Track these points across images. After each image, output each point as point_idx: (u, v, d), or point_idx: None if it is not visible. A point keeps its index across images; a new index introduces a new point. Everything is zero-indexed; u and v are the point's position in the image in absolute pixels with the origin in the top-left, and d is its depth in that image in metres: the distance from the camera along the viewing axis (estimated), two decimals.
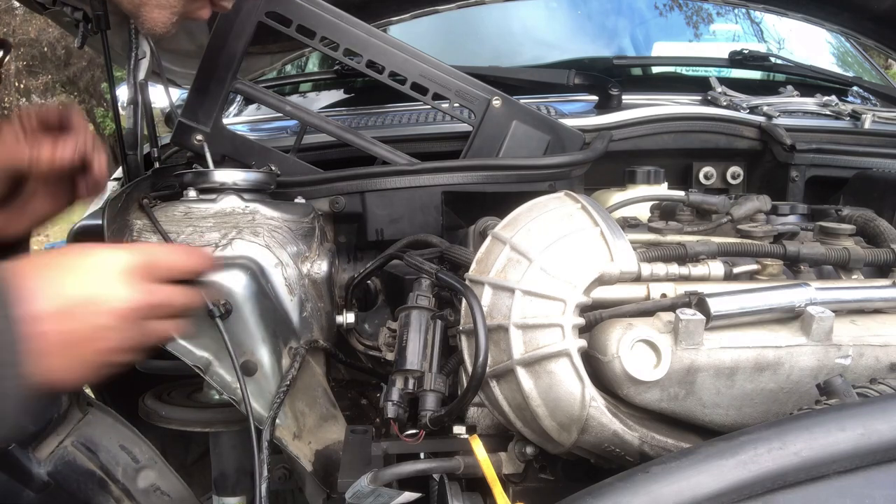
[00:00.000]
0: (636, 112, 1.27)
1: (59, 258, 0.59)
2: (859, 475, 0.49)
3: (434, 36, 1.78)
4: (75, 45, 1.18)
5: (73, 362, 0.57)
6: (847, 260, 0.87)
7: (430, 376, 0.75)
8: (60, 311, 0.56)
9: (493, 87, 1.13)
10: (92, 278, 0.59)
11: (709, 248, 0.84)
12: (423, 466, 0.74)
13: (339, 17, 1.07)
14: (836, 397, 0.61)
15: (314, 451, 0.96)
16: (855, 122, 1.39)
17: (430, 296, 0.81)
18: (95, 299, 0.58)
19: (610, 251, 0.72)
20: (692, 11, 1.97)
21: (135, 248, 0.66)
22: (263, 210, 0.91)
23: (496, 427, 0.80)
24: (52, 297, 0.56)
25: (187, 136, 1.09)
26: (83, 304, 0.57)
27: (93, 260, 0.60)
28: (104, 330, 0.58)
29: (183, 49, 1.41)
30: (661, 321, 0.70)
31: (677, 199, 1.03)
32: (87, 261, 0.60)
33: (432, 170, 1.05)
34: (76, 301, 0.57)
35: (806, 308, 0.71)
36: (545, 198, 0.82)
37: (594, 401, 0.67)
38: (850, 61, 2.01)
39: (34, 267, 0.57)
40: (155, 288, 0.63)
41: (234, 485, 1.06)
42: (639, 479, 0.51)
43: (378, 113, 1.42)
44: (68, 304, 0.56)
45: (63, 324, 0.56)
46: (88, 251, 0.61)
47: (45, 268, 0.58)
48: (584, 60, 1.66)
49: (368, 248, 1.09)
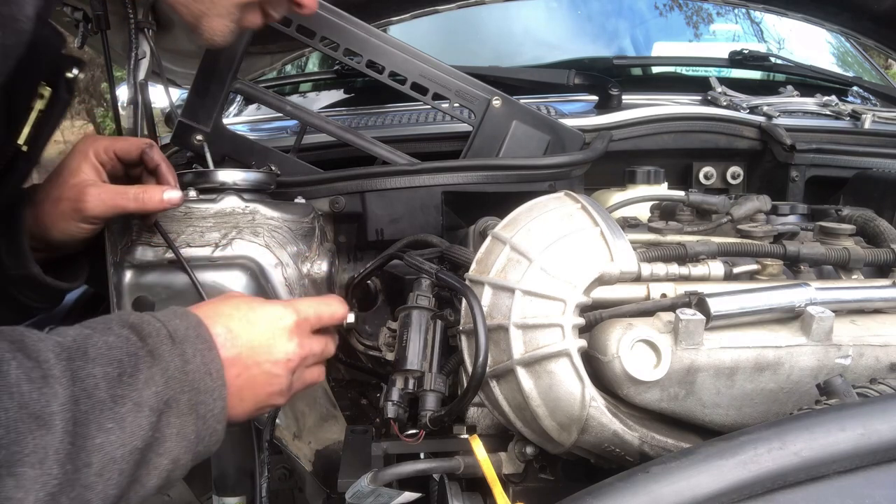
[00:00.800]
0: (636, 112, 1.27)
1: (232, 309, 0.67)
2: (859, 475, 0.49)
3: (434, 36, 1.78)
4: (75, 45, 1.18)
5: (245, 404, 0.66)
6: (847, 260, 0.87)
7: (430, 376, 0.75)
8: (238, 359, 0.64)
9: (493, 87, 1.13)
10: (263, 331, 0.67)
11: (709, 248, 0.84)
12: (423, 466, 0.74)
13: (339, 16, 1.07)
14: (836, 397, 0.61)
15: (314, 451, 0.96)
16: (855, 122, 1.39)
17: (430, 296, 0.81)
18: (267, 351, 0.67)
19: (610, 251, 0.72)
20: (692, 11, 1.97)
21: (293, 305, 0.72)
22: (263, 210, 0.91)
23: (496, 427, 0.80)
24: (231, 346, 0.64)
25: (187, 136, 1.09)
26: (256, 355, 0.66)
27: (262, 314, 0.68)
28: (272, 377, 0.67)
29: (183, 49, 1.41)
30: (661, 321, 0.70)
31: (677, 199, 1.03)
32: (257, 314, 0.68)
33: (432, 170, 1.05)
34: (251, 351, 0.65)
35: (806, 308, 0.71)
36: (545, 198, 0.82)
37: (594, 401, 0.67)
38: (850, 61, 2.01)
39: (215, 315, 0.65)
40: (310, 340, 0.72)
41: (234, 485, 1.06)
42: (639, 479, 0.51)
43: (378, 113, 1.42)
44: (244, 353, 0.65)
45: (241, 369, 0.64)
46: (256, 305, 0.69)
47: (224, 317, 0.65)
48: (584, 60, 1.66)
49: (368, 248, 1.09)
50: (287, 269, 0.90)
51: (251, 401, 0.67)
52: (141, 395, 0.55)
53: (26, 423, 0.48)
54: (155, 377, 0.57)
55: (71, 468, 0.50)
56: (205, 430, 0.60)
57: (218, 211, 0.90)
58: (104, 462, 0.52)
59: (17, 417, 0.48)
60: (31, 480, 0.47)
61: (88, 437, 0.51)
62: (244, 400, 0.66)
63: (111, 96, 1.35)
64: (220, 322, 0.65)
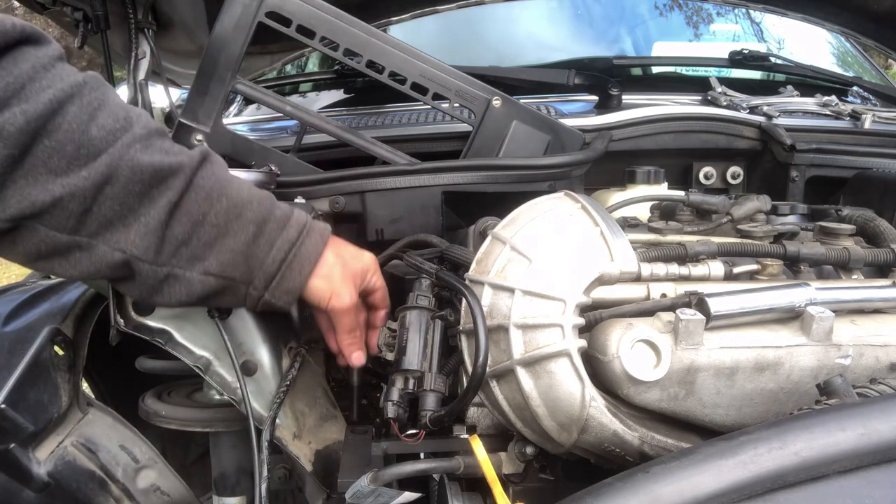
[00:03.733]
0: (636, 112, 1.27)
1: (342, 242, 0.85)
2: (859, 475, 0.49)
3: (434, 36, 1.78)
4: (75, 45, 1.18)
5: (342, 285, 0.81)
6: (847, 260, 0.87)
7: (430, 376, 0.75)
8: (340, 255, 0.82)
9: (493, 87, 1.13)
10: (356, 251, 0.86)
11: (709, 248, 0.84)
12: (423, 466, 0.74)
13: (339, 17, 1.07)
14: (836, 397, 0.61)
15: (314, 451, 0.96)
16: (855, 122, 1.39)
17: (430, 296, 0.81)
18: (358, 257, 0.85)
19: (610, 251, 0.72)
20: (692, 11, 1.97)
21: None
22: None
23: (496, 427, 0.80)
24: (337, 244, 0.83)
25: (187, 136, 1.09)
26: (352, 258, 0.84)
27: (356, 248, 0.87)
28: (357, 274, 0.84)
29: (183, 49, 1.41)
30: (661, 321, 0.70)
31: (677, 199, 1.03)
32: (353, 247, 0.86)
33: (432, 170, 1.05)
34: (349, 256, 0.84)
35: (806, 308, 0.71)
36: (545, 198, 0.82)
37: (594, 401, 0.67)
38: (850, 61, 2.01)
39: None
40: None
41: (234, 485, 1.06)
42: (639, 479, 0.51)
43: (378, 113, 1.42)
44: (344, 255, 0.83)
45: (340, 262, 0.81)
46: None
47: (338, 240, 0.84)
48: (584, 60, 1.66)
49: (368, 248, 1.09)
50: None
51: (343, 281, 0.82)
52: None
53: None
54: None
55: None
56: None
57: None
58: None
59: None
60: None
61: None
62: (335, 281, 0.81)
63: None
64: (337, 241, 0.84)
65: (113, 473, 1.00)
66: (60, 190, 0.62)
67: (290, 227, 0.76)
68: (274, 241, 0.74)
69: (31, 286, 1.17)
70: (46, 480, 0.95)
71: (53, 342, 1.00)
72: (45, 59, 0.63)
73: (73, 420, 1.00)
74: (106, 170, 0.63)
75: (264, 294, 0.76)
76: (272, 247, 0.74)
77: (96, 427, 1.01)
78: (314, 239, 0.78)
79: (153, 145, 0.68)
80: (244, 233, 0.72)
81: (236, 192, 0.73)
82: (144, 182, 0.66)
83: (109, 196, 0.64)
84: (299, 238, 0.76)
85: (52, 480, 0.95)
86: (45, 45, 0.64)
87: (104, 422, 1.02)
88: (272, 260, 0.74)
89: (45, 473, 0.95)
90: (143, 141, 0.67)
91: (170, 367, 1.02)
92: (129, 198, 0.66)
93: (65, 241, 0.65)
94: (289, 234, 0.76)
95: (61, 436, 0.98)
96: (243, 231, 0.72)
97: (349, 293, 0.81)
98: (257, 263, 0.74)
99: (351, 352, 0.86)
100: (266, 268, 0.74)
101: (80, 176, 0.62)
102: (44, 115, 0.60)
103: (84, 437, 1.00)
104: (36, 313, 1.06)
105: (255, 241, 0.73)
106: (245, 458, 1.05)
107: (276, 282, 0.75)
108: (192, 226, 0.69)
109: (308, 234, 0.77)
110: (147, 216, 0.67)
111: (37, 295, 1.11)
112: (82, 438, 0.99)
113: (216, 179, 0.72)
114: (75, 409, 1.01)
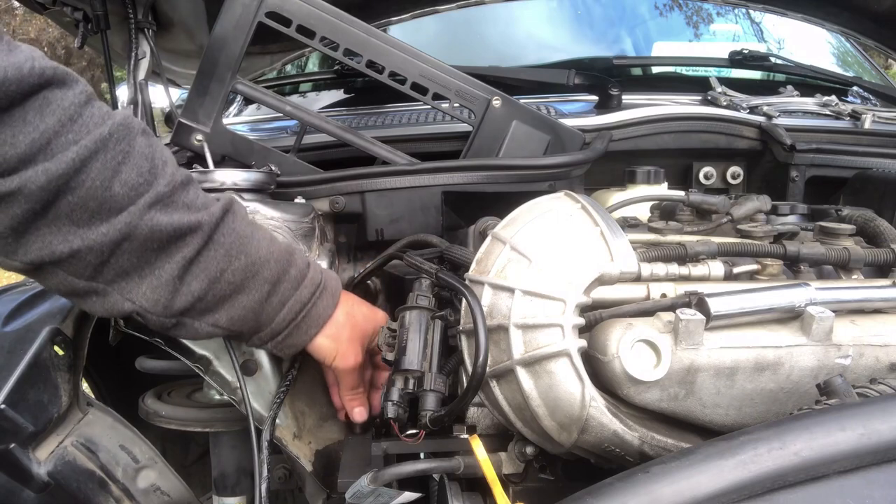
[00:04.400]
0: (636, 112, 1.27)
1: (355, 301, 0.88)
2: (859, 475, 0.49)
3: (434, 36, 1.78)
4: (75, 45, 1.18)
5: (349, 346, 0.84)
6: (847, 260, 0.87)
7: (430, 376, 0.75)
8: (351, 315, 0.84)
9: (493, 87, 1.13)
10: (369, 311, 0.89)
11: (709, 248, 0.84)
12: (423, 466, 0.74)
13: (339, 17, 1.07)
14: (836, 397, 0.61)
15: (314, 451, 0.96)
16: (855, 122, 1.38)
17: (430, 296, 0.81)
18: (370, 317, 0.87)
19: (610, 251, 0.72)
20: (692, 11, 1.97)
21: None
22: (263, 210, 0.91)
23: (496, 427, 0.80)
24: (350, 301, 0.86)
25: (187, 136, 1.09)
26: (364, 318, 0.86)
27: (369, 308, 0.89)
28: (366, 334, 0.86)
29: (183, 49, 1.41)
30: (661, 321, 0.70)
31: (677, 199, 1.03)
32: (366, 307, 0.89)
33: (432, 170, 1.05)
34: (361, 316, 0.86)
35: (806, 308, 0.71)
36: (545, 198, 0.82)
37: (594, 401, 0.67)
38: (850, 61, 2.01)
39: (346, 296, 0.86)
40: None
41: (234, 485, 1.06)
42: (639, 479, 0.51)
43: (378, 113, 1.42)
44: (355, 315, 0.85)
45: (349, 322, 0.84)
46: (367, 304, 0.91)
47: (352, 299, 0.87)
48: (584, 60, 1.66)
49: (368, 248, 1.09)
50: None
51: (350, 343, 0.84)
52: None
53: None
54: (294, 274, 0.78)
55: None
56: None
57: None
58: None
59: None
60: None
61: None
62: (342, 342, 0.83)
63: (111, 96, 1.35)
64: (349, 298, 0.86)
65: (113, 473, 1.00)
66: (79, 243, 0.63)
67: (304, 286, 0.78)
68: (286, 301, 0.76)
69: (31, 286, 1.17)
70: (46, 480, 0.95)
71: (53, 342, 1.00)
72: (72, 109, 0.61)
73: (73, 420, 1.00)
74: (125, 228, 0.64)
75: (267, 344, 0.79)
76: (283, 306, 0.76)
77: (96, 427, 1.01)
78: (325, 301, 0.80)
79: (175, 202, 0.67)
80: (259, 291, 0.73)
81: (255, 248, 0.73)
82: (162, 240, 0.66)
83: (127, 251, 0.65)
84: (311, 299, 0.78)
85: (52, 480, 0.95)
86: (71, 87, 0.62)
87: (104, 422, 1.02)
88: (282, 318, 0.76)
89: (45, 473, 0.95)
90: (166, 199, 0.66)
91: (170, 367, 1.02)
92: (147, 253, 0.66)
93: (82, 286, 0.66)
94: (302, 294, 0.77)
95: (61, 436, 0.98)
96: (258, 290, 0.73)
97: (354, 354, 0.83)
98: (266, 320, 0.76)
99: (352, 407, 0.89)
100: (275, 325, 0.76)
101: (99, 231, 0.63)
102: (67, 173, 0.60)
103: (84, 437, 1.00)
104: (36, 313, 1.05)
105: (268, 300, 0.75)
106: (245, 458, 1.05)
107: (282, 338, 0.78)
108: (208, 282, 0.70)
109: (321, 295, 0.79)
110: (161, 269, 0.67)
111: (37, 295, 1.10)
112: (82, 438, 0.99)
113: (236, 236, 0.72)
114: (75, 409, 1.01)
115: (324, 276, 0.81)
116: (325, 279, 0.81)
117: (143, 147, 0.66)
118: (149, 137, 0.68)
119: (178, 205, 0.68)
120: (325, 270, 0.83)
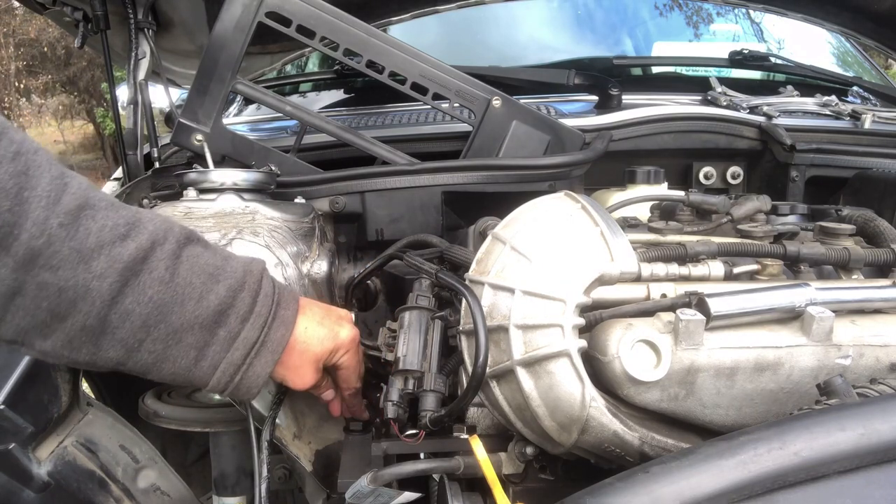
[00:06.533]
0: (636, 112, 1.27)
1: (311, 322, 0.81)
2: (859, 475, 0.49)
3: (434, 36, 1.78)
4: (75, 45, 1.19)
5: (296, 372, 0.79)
6: (847, 260, 0.87)
7: (430, 376, 0.75)
8: (304, 343, 0.79)
9: (493, 87, 1.13)
10: (335, 320, 0.83)
11: (709, 248, 0.84)
12: (423, 466, 0.74)
13: (339, 17, 1.07)
14: (836, 397, 0.61)
15: (314, 451, 0.96)
16: (855, 122, 1.39)
17: (430, 296, 0.81)
18: (335, 328, 0.82)
19: (610, 251, 0.72)
20: (692, 11, 1.97)
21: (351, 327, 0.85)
22: (263, 210, 0.91)
23: (496, 427, 0.80)
24: (308, 322, 0.80)
25: (187, 136, 1.09)
26: (319, 342, 0.80)
27: (340, 314, 0.84)
28: (320, 358, 0.81)
29: (183, 49, 1.41)
30: (661, 321, 0.70)
31: (677, 199, 1.03)
32: (338, 313, 0.84)
33: (432, 170, 1.05)
34: (315, 341, 0.80)
35: (806, 308, 0.71)
36: (545, 198, 0.82)
37: (594, 401, 0.67)
38: (850, 61, 2.01)
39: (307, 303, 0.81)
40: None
41: (234, 485, 1.06)
42: (639, 479, 0.51)
43: (378, 113, 1.42)
44: (308, 341, 0.79)
45: (300, 349, 0.79)
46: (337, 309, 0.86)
47: (314, 306, 0.82)
48: (584, 60, 1.66)
49: (368, 248, 1.09)
50: (287, 269, 0.90)
51: (307, 364, 0.80)
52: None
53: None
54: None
55: None
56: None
57: (218, 211, 0.90)
58: None
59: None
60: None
61: None
62: (301, 361, 0.79)
63: (111, 96, 1.35)
64: (309, 308, 0.81)
65: (113, 473, 1.00)
66: None
67: (234, 349, 0.72)
68: (217, 365, 0.72)
69: None
70: (46, 480, 0.95)
71: None
72: None
73: (73, 420, 1.00)
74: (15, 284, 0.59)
75: (217, 395, 0.77)
76: (216, 370, 0.72)
77: (96, 427, 1.01)
78: (265, 357, 0.74)
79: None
80: (185, 358, 0.70)
81: (178, 315, 0.68)
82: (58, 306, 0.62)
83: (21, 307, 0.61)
84: (245, 361, 0.73)
85: (52, 480, 0.95)
86: None
87: (104, 422, 1.02)
88: (216, 381, 0.72)
89: (45, 473, 0.95)
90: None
91: None
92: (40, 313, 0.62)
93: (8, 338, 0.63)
94: (234, 357, 0.72)
95: (61, 436, 0.98)
96: (183, 357, 0.70)
97: (309, 375, 0.80)
98: (201, 382, 0.72)
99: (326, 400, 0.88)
100: (213, 384, 0.73)
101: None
102: None
103: (84, 437, 1.00)
104: None
105: (196, 365, 0.71)
106: (245, 458, 1.05)
107: (228, 391, 0.74)
108: (126, 352, 0.67)
109: (258, 352, 0.73)
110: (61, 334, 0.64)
111: None
112: (82, 438, 0.99)
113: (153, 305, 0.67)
114: (75, 409, 1.01)
115: (263, 332, 0.74)
116: (263, 335, 0.74)
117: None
118: None
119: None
120: (282, 294, 0.77)
